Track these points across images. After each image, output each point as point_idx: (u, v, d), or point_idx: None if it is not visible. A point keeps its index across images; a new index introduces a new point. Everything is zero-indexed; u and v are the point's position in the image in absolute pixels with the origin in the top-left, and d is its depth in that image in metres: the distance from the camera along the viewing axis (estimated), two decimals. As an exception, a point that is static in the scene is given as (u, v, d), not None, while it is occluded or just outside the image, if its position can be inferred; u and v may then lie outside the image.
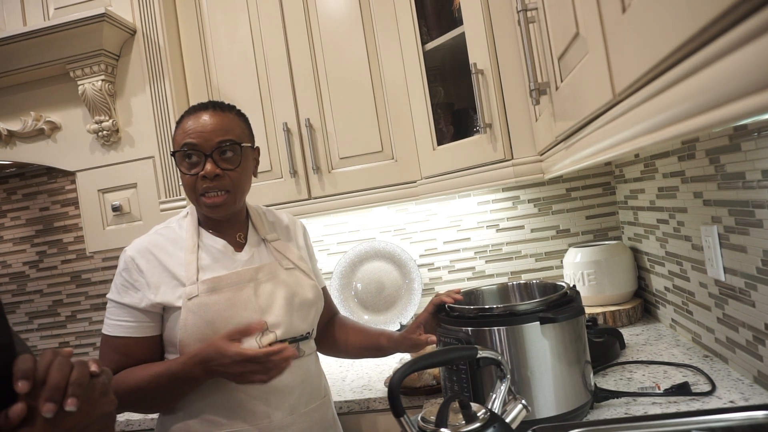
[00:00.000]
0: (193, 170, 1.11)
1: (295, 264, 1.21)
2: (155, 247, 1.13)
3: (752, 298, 1.04)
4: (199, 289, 1.09)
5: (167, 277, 1.10)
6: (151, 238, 1.16)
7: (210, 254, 1.14)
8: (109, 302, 1.13)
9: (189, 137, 1.10)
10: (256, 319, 1.09)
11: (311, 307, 1.20)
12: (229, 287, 1.11)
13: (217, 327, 1.07)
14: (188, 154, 1.11)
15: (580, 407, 1.06)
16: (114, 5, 1.81)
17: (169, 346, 1.13)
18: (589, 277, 1.70)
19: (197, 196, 1.12)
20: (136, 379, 1.06)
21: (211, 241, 1.16)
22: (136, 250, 1.13)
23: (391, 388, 0.81)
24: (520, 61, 1.40)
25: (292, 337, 1.15)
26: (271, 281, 1.16)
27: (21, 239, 2.36)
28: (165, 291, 1.09)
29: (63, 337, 2.33)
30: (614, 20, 0.48)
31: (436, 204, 2.03)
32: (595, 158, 0.69)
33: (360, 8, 1.75)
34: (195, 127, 1.11)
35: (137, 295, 1.10)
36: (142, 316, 1.10)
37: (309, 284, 1.21)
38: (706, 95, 0.32)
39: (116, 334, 1.10)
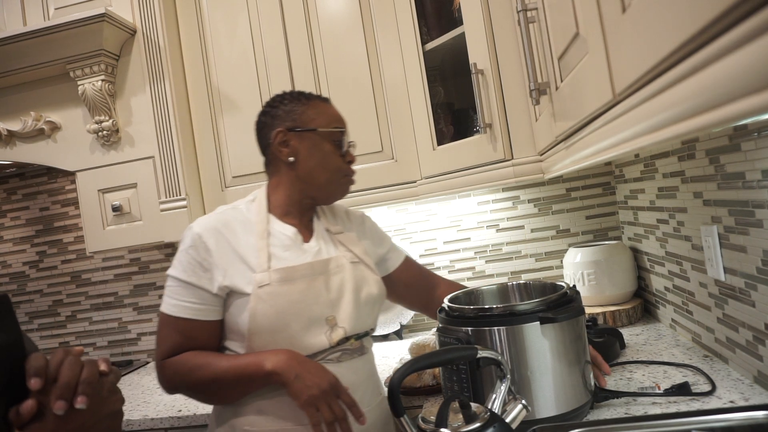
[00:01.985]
0: (341, 152, 1.16)
1: (360, 258, 1.20)
2: (224, 227, 1.10)
3: (752, 298, 1.04)
4: (271, 278, 1.06)
5: (236, 260, 1.07)
6: (219, 218, 1.12)
7: (280, 241, 1.12)
8: (171, 280, 1.09)
9: (340, 123, 1.18)
10: (326, 314, 1.10)
11: (376, 303, 1.20)
12: (302, 278, 1.09)
13: (287, 318, 1.05)
14: (340, 138, 1.16)
15: (580, 407, 1.06)
16: (114, 5, 1.81)
17: (231, 333, 1.10)
18: (589, 277, 1.70)
19: (341, 176, 1.17)
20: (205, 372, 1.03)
21: (280, 227, 1.14)
22: (204, 228, 1.09)
23: (391, 388, 0.81)
24: (520, 61, 1.40)
25: (356, 333, 1.14)
26: (340, 275, 1.14)
27: (21, 239, 2.36)
28: (233, 274, 1.06)
29: (63, 337, 2.33)
30: (614, 20, 0.48)
31: (436, 204, 2.03)
32: (595, 158, 0.69)
33: (360, 8, 1.75)
34: (340, 116, 1.19)
35: (206, 275, 1.06)
36: (209, 298, 1.07)
37: (374, 279, 1.20)
38: (706, 95, 0.32)
39: (181, 315, 1.06)
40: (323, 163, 1.14)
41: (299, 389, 0.97)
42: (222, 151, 1.85)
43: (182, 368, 1.05)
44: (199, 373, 1.04)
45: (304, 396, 0.97)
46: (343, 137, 1.17)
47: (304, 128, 1.14)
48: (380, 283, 1.22)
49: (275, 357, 1.01)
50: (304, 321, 1.07)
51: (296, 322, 1.06)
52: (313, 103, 1.17)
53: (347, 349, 1.12)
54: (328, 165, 1.15)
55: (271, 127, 1.16)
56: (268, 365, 1.00)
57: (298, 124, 1.14)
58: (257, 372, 1.01)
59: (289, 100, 1.17)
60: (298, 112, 1.15)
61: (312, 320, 1.08)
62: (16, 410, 0.57)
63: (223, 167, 1.85)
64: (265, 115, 1.19)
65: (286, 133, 1.14)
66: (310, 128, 1.14)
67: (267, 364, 1.00)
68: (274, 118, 1.17)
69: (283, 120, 1.15)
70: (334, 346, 1.10)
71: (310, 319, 1.07)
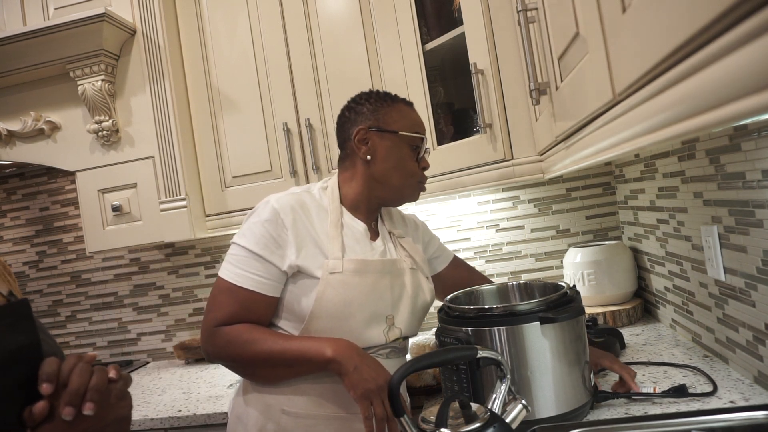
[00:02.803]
0: (418, 157, 1.18)
1: (419, 265, 1.23)
2: (302, 208, 1.10)
3: (752, 298, 1.04)
4: (344, 267, 1.07)
5: (310, 243, 1.08)
6: (297, 198, 1.12)
7: (352, 234, 1.14)
8: (240, 248, 1.07)
9: (421, 129, 1.19)
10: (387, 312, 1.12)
11: (427, 310, 1.23)
12: (373, 273, 1.11)
13: (352, 308, 1.07)
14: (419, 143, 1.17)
15: (580, 407, 1.06)
16: (114, 5, 1.81)
17: (286, 313, 1.10)
18: (589, 277, 1.70)
19: (415, 182, 1.18)
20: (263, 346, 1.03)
21: (352, 221, 1.16)
22: (282, 205, 1.08)
23: (391, 388, 0.80)
24: (520, 61, 1.40)
25: (407, 335, 1.18)
26: (402, 278, 1.17)
27: (21, 239, 2.36)
28: (306, 256, 1.07)
29: (63, 337, 2.33)
30: (614, 20, 0.48)
31: (436, 204, 2.03)
32: (595, 158, 0.69)
33: (360, 8, 1.75)
34: (421, 122, 1.20)
35: (279, 252, 1.06)
36: (277, 274, 1.07)
37: (429, 288, 1.23)
38: (706, 95, 0.32)
39: (245, 286, 1.05)
40: (399, 165, 1.15)
41: (356, 381, 0.98)
42: (222, 151, 1.85)
43: (238, 339, 1.04)
44: (254, 347, 1.03)
45: (361, 389, 0.97)
46: (421, 143, 1.18)
47: (386, 129, 1.15)
48: (433, 292, 1.25)
49: (336, 345, 1.01)
50: (368, 314, 1.09)
51: (360, 313, 1.08)
52: (398, 106, 1.18)
53: (396, 347, 1.16)
54: (404, 168, 1.16)
55: (354, 123, 1.17)
56: (329, 352, 1.00)
57: (381, 124, 1.16)
58: (317, 357, 1.01)
59: (375, 99, 1.18)
60: (382, 113, 1.16)
61: (374, 315, 1.10)
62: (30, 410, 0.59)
63: (223, 167, 1.85)
64: (350, 110, 1.20)
65: (367, 131, 1.15)
66: (392, 130, 1.15)
67: (328, 351, 1.00)
68: (358, 115, 1.17)
69: (367, 118, 1.16)
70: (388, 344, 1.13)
71: (373, 314, 1.10)
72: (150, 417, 1.54)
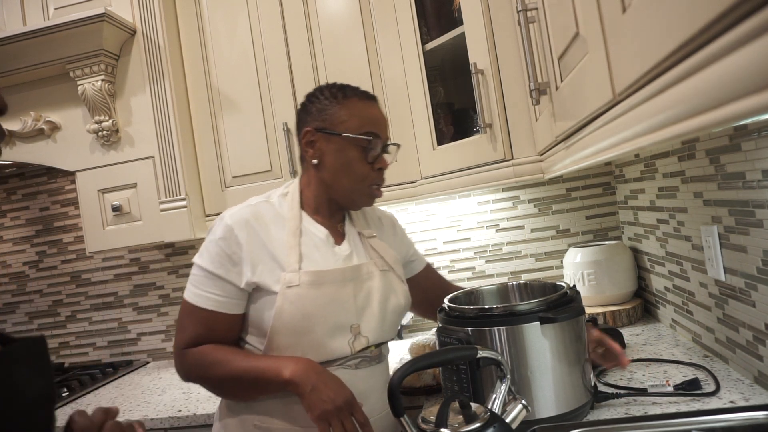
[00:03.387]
0: (370, 159, 1.10)
1: (391, 266, 1.17)
2: (256, 221, 1.07)
3: (752, 298, 1.04)
4: (300, 279, 1.04)
5: (266, 257, 1.05)
6: (252, 210, 1.08)
7: (312, 242, 1.09)
8: (198, 269, 1.06)
9: (375, 127, 1.11)
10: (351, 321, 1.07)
11: (401, 314, 1.18)
12: (332, 283, 1.06)
13: (312, 322, 1.03)
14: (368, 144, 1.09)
15: (580, 407, 1.06)
16: (114, 5, 1.81)
17: (252, 329, 1.08)
18: (589, 277, 1.70)
19: (366, 186, 1.11)
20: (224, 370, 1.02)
21: (313, 227, 1.11)
22: (236, 221, 1.06)
23: (391, 388, 0.80)
24: (520, 61, 1.40)
25: (379, 341, 1.13)
26: (369, 282, 1.12)
27: (21, 239, 2.36)
28: (263, 271, 1.04)
29: (63, 337, 2.33)
30: (614, 20, 0.48)
31: (436, 204, 2.03)
32: (595, 158, 0.69)
33: (360, 8, 1.75)
34: (378, 117, 1.12)
35: (235, 269, 1.04)
36: (234, 291, 1.05)
37: (402, 289, 1.18)
38: (706, 95, 0.32)
39: (204, 306, 1.04)
40: (346, 169, 1.09)
41: (314, 402, 0.95)
42: (222, 151, 1.85)
43: (202, 361, 1.04)
44: (218, 368, 1.02)
45: (318, 410, 0.95)
46: (371, 143, 1.10)
47: (332, 131, 1.09)
48: (407, 294, 1.20)
49: (294, 365, 0.99)
50: (329, 326, 1.05)
51: (321, 326, 1.04)
52: (349, 103, 1.11)
53: (366, 356, 1.11)
54: (352, 172, 1.09)
55: (303, 123, 1.13)
56: (286, 373, 0.98)
57: (327, 125, 1.10)
58: (275, 378, 0.99)
59: (325, 96, 1.12)
60: (329, 112, 1.10)
61: (337, 326, 1.06)
62: None
63: (223, 167, 1.85)
64: (302, 109, 1.16)
65: (314, 133, 1.11)
66: (337, 132, 1.09)
67: (285, 372, 0.98)
68: (308, 114, 1.13)
69: (314, 118, 1.11)
70: (354, 354, 1.09)
71: (335, 325, 1.06)
72: (150, 417, 1.54)
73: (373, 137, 1.10)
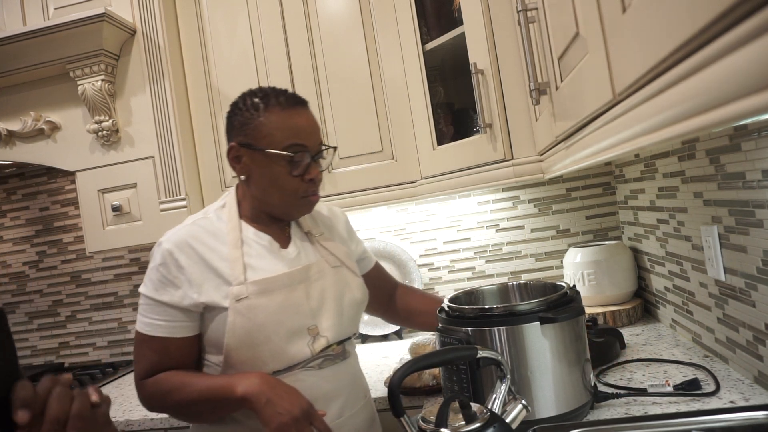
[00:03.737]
0: (297, 172, 1.04)
1: (342, 261, 1.15)
2: (195, 240, 1.04)
3: (752, 298, 1.04)
4: (248, 290, 1.02)
5: (210, 275, 1.02)
6: (190, 230, 1.06)
7: (255, 251, 1.07)
8: (143, 298, 1.05)
9: (300, 137, 1.04)
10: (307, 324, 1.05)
11: (360, 307, 1.17)
12: (281, 289, 1.04)
13: (267, 331, 1.01)
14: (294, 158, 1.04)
15: (580, 407, 1.06)
16: (114, 5, 1.81)
17: (210, 347, 1.06)
18: (589, 277, 1.70)
19: (298, 198, 1.07)
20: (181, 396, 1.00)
21: (254, 236, 1.08)
22: (174, 244, 1.03)
23: (391, 388, 0.80)
24: (520, 61, 1.40)
25: (341, 339, 1.12)
26: (321, 281, 1.10)
27: (21, 239, 2.36)
28: (209, 289, 1.02)
29: (63, 337, 2.33)
30: (614, 20, 0.48)
31: (436, 204, 2.03)
32: (595, 158, 0.69)
33: (360, 8, 1.75)
34: (302, 127, 1.05)
35: (177, 293, 1.02)
36: (182, 315, 1.03)
37: (357, 283, 1.17)
38: (706, 95, 0.32)
39: (154, 334, 1.03)
40: (274, 184, 1.05)
41: (270, 416, 0.93)
42: (222, 151, 1.85)
43: (160, 390, 1.02)
44: (176, 395, 1.00)
45: (275, 423, 0.92)
46: (295, 157, 1.04)
47: (255, 147, 1.04)
48: (363, 286, 1.18)
49: (246, 381, 0.96)
50: (285, 333, 1.03)
51: (277, 334, 1.02)
52: (270, 114, 1.04)
53: (329, 354, 1.09)
54: (280, 187, 1.05)
55: (228, 137, 1.09)
56: (239, 390, 0.95)
57: (250, 140, 1.05)
58: (229, 397, 0.97)
59: (247, 108, 1.06)
60: (251, 126, 1.05)
61: (293, 331, 1.04)
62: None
63: (223, 167, 1.85)
64: (227, 120, 1.10)
65: (238, 148, 1.06)
66: (259, 148, 1.04)
67: (238, 390, 0.96)
68: (232, 128, 1.08)
69: (237, 132, 1.07)
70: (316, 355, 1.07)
71: (291, 331, 1.04)
72: (150, 417, 1.54)
73: (298, 150, 1.04)
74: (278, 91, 1.08)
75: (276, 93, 1.07)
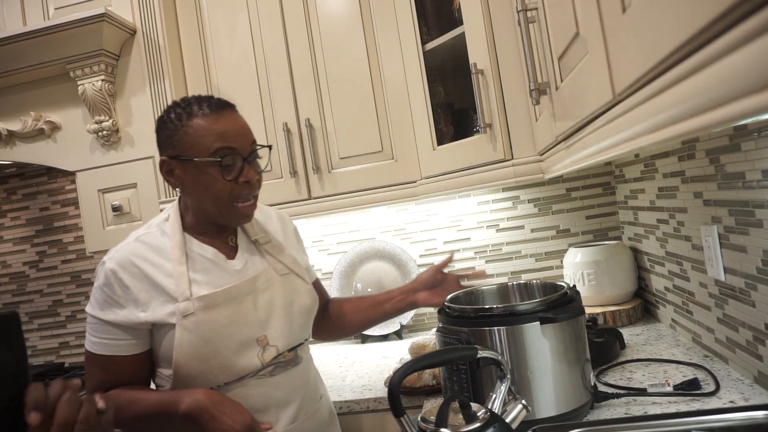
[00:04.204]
0: (230, 176, 1.02)
1: (290, 269, 1.15)
2: (138, 258, 1.03)
3: (752, 298, 1.04)
4: (194, 306, 1.01)
5: (155, 292, 1.02)
6: (133, 247, 1.05)
7: (201, 265, 1.06)
8: (89, 317, 1.04)
9: (227, 141, 1.02)
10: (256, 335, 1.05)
11: (310, 313, 1.17)
12: (228, 302, 1.04)
13: (216, 345, 1.01)
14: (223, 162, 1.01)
15: (580, 407, 1.06)
16: (114, 5, 1.81)
17: (161, 362, 1.06)
18: (589, 277, 1.70)
19: (230, 204, 1.04)
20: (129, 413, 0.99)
21: (199, 249, 1.07)
22: (117, 263, 1.02)
23: (391, 388, 0.80)
24: (520, 61, 1.40)
25: (292, 346, 1.12)
26: (269, 290, 1.10)
27: (21, 239, 2.36)
28: (155, 307, 1.01)
29: (63, 337, 2.33)
30: (614, 20, 0.48)
31: (436, 204, 2.03)
32: (595, 158, 0.69)
33: (360, 8, 1.75)
34: (228, 130, 1.02)
35: (122, 312, 1.01)
36: (128, 334, 1.02)
37: (306, 289, 1.16)
38: (706, 95, 0.32)
39: (102, 353, 1.02)
40: (209, 192, 1.03)
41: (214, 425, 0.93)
42: (222, 151, 1.85)
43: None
44: (124, 413, 0.99)
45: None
46: (224, 161, 1.01)
47: (183, 158, 1.02)
48: (312, 292, 1.18)
49: (189, 398, 0.96)
50: (234, 346, 1.03)
51: (225, 348, 1.02)
52: (194, 123, 1.02)
53: (280, 362, 1.09)
54: (215, 194, 1.02)
55: (159, 151, 1.08)
56: (182, 408, 0.95)
57: (178, 151, 1.03)
58: (174, 413, 0.96)
59: (171, 120, 1.04)
60: (177, 138, 1.03)
61: (242, 343, 1.04)
62: None
63: (223, 167, 1.85)
64: (156, 134, 1.09)
65: (169, 162, 1.05)
66: (188, 158, 1.02)
67: (181, 407, 0.95)
68: (160, 143, 1.07)
69: (166, 146, 1.05)
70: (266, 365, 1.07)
71: (240, 343, 1.03)
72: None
73: (226, 154, 1.02)
74: (201, 98, 1.06)
75: (199, 100, 1.05)
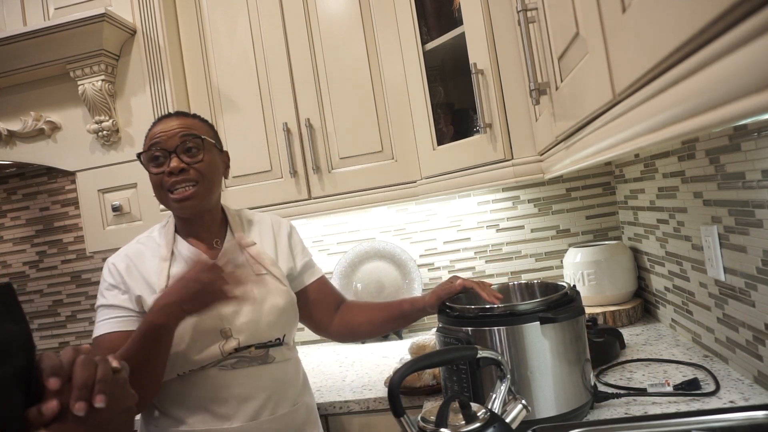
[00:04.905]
0: (156, 168, 1.15)
1: (268, 270, 1.21)
2: (135, 256, 1.18)
3: (752, 298, 1.04)
4: None
5: (144, 285, 1.14)
6: (132, 247, 1.21)
7: (183, 263, 1.16)
8: (98, 308, 1.16)
9: (154, 139, 1.15)
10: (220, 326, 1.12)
11: (282, 314, 1.19)
12: None
13: (180, 334, 1.07)
14: (155, 156, 1.14)
15: (580, 407, 1.06)
16: (114, 5, 1.81)
17: None
18: (589, 277, 1.70)
19: (166, 194, 1.15)
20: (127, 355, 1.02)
21: (184, 249, 1.19)
22: (116, 258, 1.19)
23: (391, 388, 0.81)
24: (520, 61, 1.40)
25: (259, 342, 1.15)
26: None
27: (21, 239, 2.36)
28: (146, 300, 1.13)
29: (63, 337, 2.33)
30: (614, 20, 0.48)
31: (436, 204, 2.03)
32: (595, 158, 0.69)
33: (360, 8, 1.75)
34: (160, 129, 1.16)
35: (124, 296, 1.14)
36: (131, 310, 1.13)
37: (280, 290, 1.20)
38: (706, 95, 0.32)
39: (106, 331, 1.12)
40: (152, 186, 1.18)
41: (195, 300, 1.00)
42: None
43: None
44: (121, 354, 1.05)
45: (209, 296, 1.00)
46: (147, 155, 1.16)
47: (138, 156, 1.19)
48: (288, 293, 1.22)
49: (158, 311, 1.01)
50: (195, 335, 1.10)
51: (187, 336, 1.09)
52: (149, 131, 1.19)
53: (245, 356, 1.14)
54: (153, 186, 1.17)
55: None
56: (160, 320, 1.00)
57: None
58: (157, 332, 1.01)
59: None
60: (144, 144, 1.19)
61: (203, 333, 1.11)
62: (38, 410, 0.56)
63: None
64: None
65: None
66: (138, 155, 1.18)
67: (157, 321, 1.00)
68: None
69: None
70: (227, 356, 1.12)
71: (200, 333, 1.11)
72: (150, 417, 1.53)
73: (151, 148, 1.15)
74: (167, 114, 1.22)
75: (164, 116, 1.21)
